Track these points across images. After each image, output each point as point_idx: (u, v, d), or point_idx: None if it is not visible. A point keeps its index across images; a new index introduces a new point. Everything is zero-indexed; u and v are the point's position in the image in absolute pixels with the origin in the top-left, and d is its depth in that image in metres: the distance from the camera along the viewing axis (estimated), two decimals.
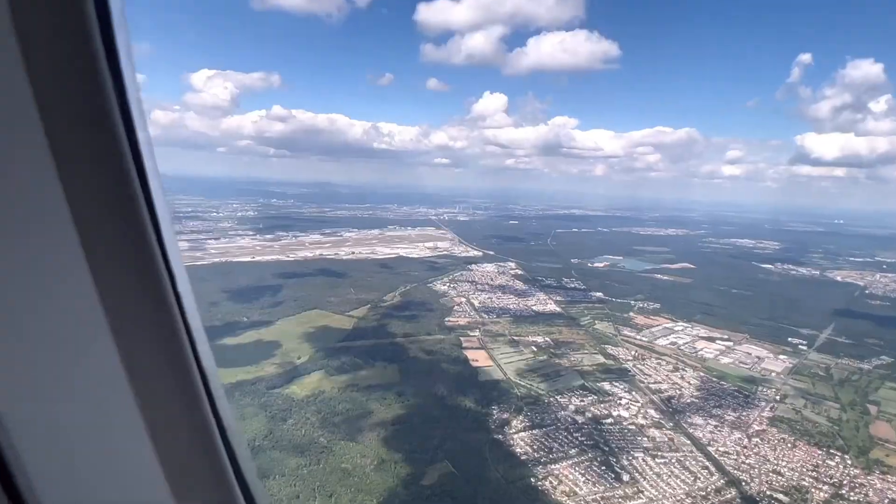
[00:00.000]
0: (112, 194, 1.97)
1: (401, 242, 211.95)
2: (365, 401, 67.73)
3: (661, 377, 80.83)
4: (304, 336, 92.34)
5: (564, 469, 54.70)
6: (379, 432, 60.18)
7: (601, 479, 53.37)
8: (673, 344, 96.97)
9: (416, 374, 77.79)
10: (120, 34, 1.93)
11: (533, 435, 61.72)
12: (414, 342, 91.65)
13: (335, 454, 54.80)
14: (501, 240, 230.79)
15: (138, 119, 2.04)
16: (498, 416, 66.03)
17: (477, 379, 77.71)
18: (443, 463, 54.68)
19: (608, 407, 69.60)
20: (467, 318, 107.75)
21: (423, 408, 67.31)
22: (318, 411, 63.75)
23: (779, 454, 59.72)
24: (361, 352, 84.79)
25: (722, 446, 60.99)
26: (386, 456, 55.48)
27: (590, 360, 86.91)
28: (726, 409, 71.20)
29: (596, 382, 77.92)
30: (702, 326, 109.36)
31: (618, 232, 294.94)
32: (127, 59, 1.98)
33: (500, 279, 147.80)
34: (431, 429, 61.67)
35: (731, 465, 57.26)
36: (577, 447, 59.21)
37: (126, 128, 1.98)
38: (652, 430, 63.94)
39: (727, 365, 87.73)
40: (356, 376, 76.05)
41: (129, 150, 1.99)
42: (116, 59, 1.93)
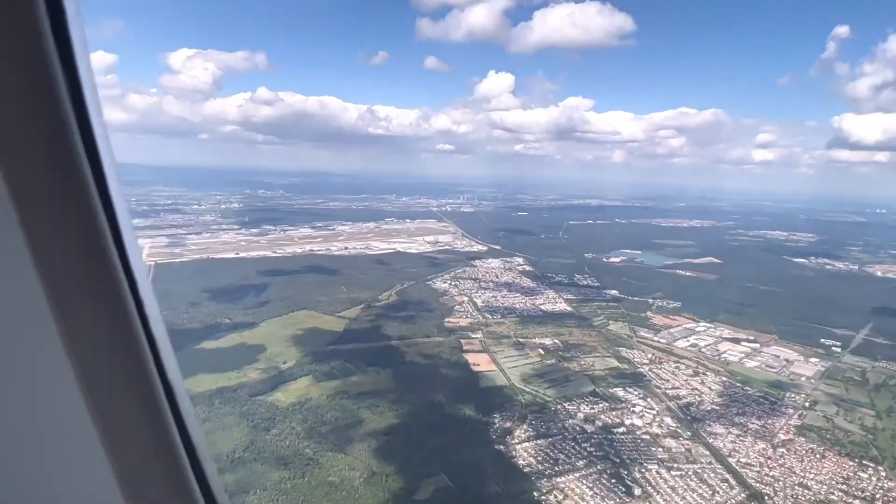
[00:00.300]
0: (61, 188, 1.98)
1: (398, 236, 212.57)
2: (356, 409, 68.22)
3: (680, 382, 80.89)
4: (291, 339, 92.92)
5: (571, 482, 54.98)
6: (370, 443, 60.66)
7: (610, 494, 53.64)
8: (694, 346, 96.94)
9: (411, 379, 78.21)
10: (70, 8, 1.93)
11: (538, 445, 62.02)
12: (410, 345, 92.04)
13: (322, 466, 55.30)
14: (509, 233, 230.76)
15: (93, 110, 2.07)
16: (500, 426, 66.38)
17: (478, 385, 78.10)
18: (439, 476, 55.09)
19: (620, 415, 69.79)
20: (469, 318, 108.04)
21: (419, 416, 67.72)
22: (304, 420, 64.30)
23: (806, 466, 59.77)
24: (353, 356, 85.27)
25: (744, 457, 61.10)
26: (377, 468, 55.95)
27: (602, 364, 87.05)
28: (750, 416, 71.23)
29: (608, 388, 78.09)
30: (726, 327, 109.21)
31: (637, 224, 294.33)
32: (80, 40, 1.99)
33: (506, 276, 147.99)
34: (427, 439, 62.10)
35: (754, 477, 57.37)
36: (585, 459, 59.48)
37: (78, 117, 1.98)
38: (668, 440, 64.10)
39: (752, 369, 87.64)
40: (347, 382, 76.55)
41: (80, 140, 2.00)
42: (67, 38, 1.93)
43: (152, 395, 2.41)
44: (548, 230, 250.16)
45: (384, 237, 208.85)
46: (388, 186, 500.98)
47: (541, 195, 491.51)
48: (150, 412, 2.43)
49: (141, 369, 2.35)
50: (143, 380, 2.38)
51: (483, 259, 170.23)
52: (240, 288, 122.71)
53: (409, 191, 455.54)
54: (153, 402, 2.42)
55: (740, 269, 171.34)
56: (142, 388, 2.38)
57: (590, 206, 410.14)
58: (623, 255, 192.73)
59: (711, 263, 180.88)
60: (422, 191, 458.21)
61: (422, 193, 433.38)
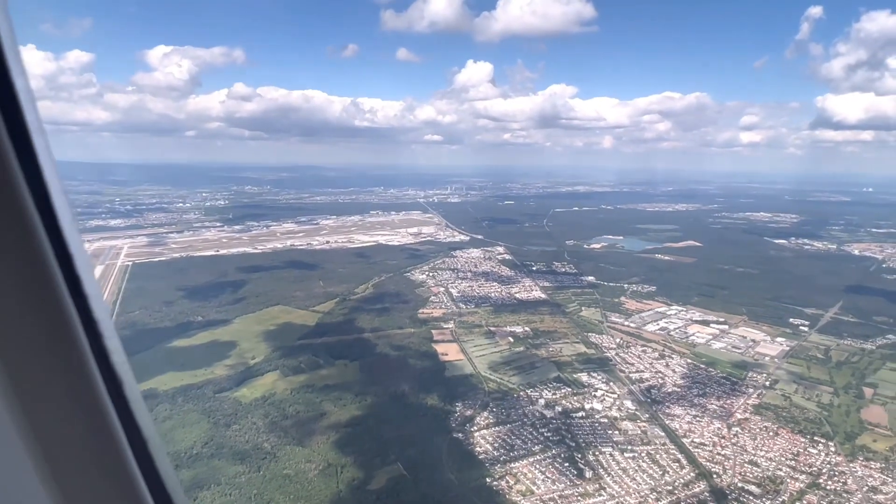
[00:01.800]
0: None
1: (382, 229, 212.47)
2: (319, 402, 68.81)
3: (645, 366, 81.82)
4: (263, 335, 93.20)
5: (524, 467, 55.82)
6: (330, 435, 61.27)
7: (562, 477, 54.51)
8: (663, 329, 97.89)
9: (378, 371, 78.76)
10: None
11: (496, 432, 62.83)
12: (382, 337, 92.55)
13: (279, 460, 55.90)
14: (493, 222, 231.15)
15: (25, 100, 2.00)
16: (461, 414, 67.12)
17: (444, 374, 78.73)
18: (394, 465, 55.80)
19: (581, 399, 70.66)
20: (443, 308, 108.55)
21: (382, 407, 68.35)
22: (265, 415, 64.80)
23: (758, 444, 60.85)
24: (322, 350, 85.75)
25: (698, 437, 62.10)
26: (334, 460, 56.59)
27: (570, 350, 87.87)
28: (710, 397, 72.26)
29: (573, 374, 78.95)
30: (697, 309, 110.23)
31: (622, 209, 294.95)
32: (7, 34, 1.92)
33: (484, 265, 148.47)
34: (387, 430, 62.73)
35: (705, 457, 58.37)
36: (541, 444, 60.33)
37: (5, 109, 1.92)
38: (625, 423, 65.01)
39: (718, 350, 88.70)
40: (314, 376, 77.06)
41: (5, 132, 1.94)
42: None
43: (91, 391, 2.30)
44: (532, 218, 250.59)
45: (367, 230, 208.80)
46: (377, 179, 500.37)
47: (530, 183, 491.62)
48: (89, 409, 2.33)
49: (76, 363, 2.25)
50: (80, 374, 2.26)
51: (464, 249, 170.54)
52: (216, 285, 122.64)
53: (398, 182, 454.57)
54: (92, 400, 2.32)
55: (719, 251, 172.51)
56: (77, 385, 2.27)
57: (578, 192, 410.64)
58: (604, 241, 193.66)
59: (691, 247, 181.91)
60: (411, 182, 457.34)
61: (410, 185, 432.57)
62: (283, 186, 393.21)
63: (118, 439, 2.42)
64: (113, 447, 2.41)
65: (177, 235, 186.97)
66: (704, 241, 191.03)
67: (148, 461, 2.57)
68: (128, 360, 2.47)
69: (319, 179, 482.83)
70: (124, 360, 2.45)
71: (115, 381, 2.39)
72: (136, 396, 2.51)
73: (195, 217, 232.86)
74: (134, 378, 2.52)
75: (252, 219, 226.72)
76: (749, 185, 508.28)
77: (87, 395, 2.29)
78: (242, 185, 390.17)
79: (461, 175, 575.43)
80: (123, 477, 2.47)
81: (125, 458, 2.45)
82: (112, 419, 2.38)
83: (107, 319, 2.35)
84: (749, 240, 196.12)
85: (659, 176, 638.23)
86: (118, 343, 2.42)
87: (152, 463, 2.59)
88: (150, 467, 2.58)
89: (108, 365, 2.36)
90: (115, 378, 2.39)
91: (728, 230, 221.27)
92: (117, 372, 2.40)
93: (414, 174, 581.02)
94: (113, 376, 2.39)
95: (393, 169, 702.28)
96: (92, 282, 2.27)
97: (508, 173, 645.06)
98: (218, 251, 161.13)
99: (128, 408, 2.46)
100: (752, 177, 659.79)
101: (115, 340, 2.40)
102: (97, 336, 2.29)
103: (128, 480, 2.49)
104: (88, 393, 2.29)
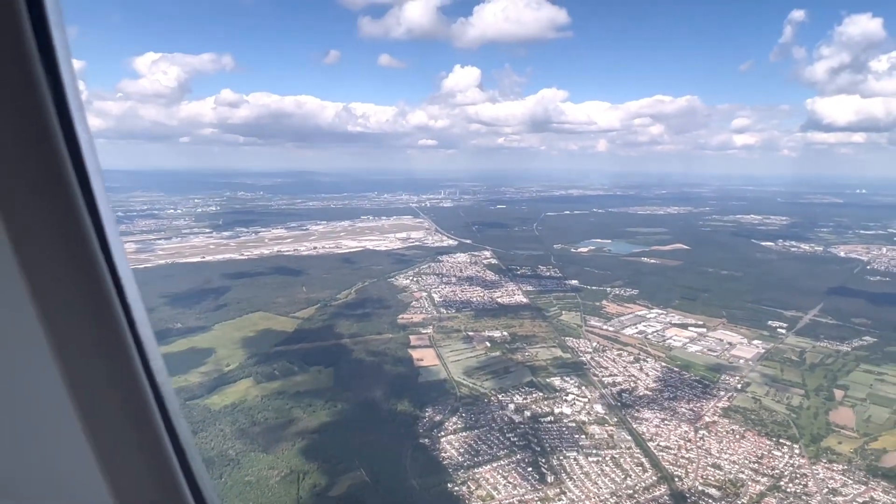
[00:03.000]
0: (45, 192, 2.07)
1: (371, 234, 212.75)
2: (289, 409, 68.95)
3: (618, 370, 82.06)
4: (242, 341, 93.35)
5: (487, 472, 55.99)
6: (296, 442, 61.41)
7: (523, 482, 54.68)
8: (641, 333, 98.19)
9: (352, 377, 78.91)
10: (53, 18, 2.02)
11: (463, 437, 63.02)
12: (359, 343, 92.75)
13: (242, 467, 56.04)
14: (483, 226, 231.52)
15: (77, 114, 2.15)
16: (430, 419, 67.29)
17: (417, 380, 78.93)
18: (357, 472, 55.95)
19: (551, 404, 70.88)
20: (423, 314, 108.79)
21: (352, 414, 68.55)
22: (233, 422, 64.96)
23: (723, 447, 61.07)
24: (298, 356, 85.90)
25: (664, 441, 62.31)
26: (298, 466, 56.72)
27: (546, 355, 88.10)
28: (680, 401, 72.49)
29: (546, 378, 79.16)
30: (677, 313, 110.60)
31: (613, 213, 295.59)
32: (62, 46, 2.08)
33: (470, 270, 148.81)
34: (355, 436, 62.87)
35: (669, 460, 58.58)
36: (506, 448, 60.53)
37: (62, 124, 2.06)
38: (593, 427, 65.23)
39: (694, 353, 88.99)
40: (287, 383, 77.21)
41: (65, 147, 2.07)
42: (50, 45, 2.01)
43: (140, 395, 2.49)
44: (523, 222, 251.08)
45: (356, 235, 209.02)
46: (371, 184, 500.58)
47: (524, 187, 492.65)
48: (139, 413, 2.51)
49: (128, 370, 2.42)
50: (131, 381, 2.45)
51: (451, 254, 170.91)
52: (199, 292, 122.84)
53: (392, 187, 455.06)
54: (141, 403, 2.50)
55: (706, 254, 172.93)
56: (129, 389, 2.46)
57: (571, 196, 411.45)
58: (592, 244, 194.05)
59: (679, 250, 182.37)
60: (405, 187, 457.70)
61: (404, 190, 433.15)
62: (276, 192, 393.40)
63: (163, 442, 2.63)
64: (159, 449, 2.63)
65: (164, 242, 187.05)
66: (692, 243, 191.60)
67: (186, 463, 2.79)
68: None
69: (314, 185, 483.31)
70: (162, 364, 2.69)
71: (156, 385, 2.60)
72: (174, 401, 2.74)
73: (185, 223, 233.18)
74: (171, 382, 2.78)
75: (242, 225, 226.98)
76: (743, 187, 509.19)
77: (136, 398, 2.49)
78: (235, 191, 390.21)
79: (456, 179, 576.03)
80: (168, 477, 2.69)
81: (169, 460, 2.67)
82: (157, 422, 2.59)
83: (147, 325, 2.56)
84: (737, 242, 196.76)
85: (653, 179, 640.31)
86: (157, 348, 2.65)
87: (189, 465, 2.81)
88: (188, 469, 2.80)
89: (150, 370, 2.56)
90: (156, 382, 2.60)
91: (717, 233, 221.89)
92: (157, 376, 2.61)
93: (409, 179, 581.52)
94: (154, 381, 2.59)
95: (388, 173, 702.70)
96: (134, 290, 2.48)
97: (503, 177, 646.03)
98: (204, 258, 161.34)
99: (167, 412, 2.67)
100: (746, 179, 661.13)
101: (154, 345, 2.62)
102: (139, 337, 2.48)
103: (171, 480, 2.70)
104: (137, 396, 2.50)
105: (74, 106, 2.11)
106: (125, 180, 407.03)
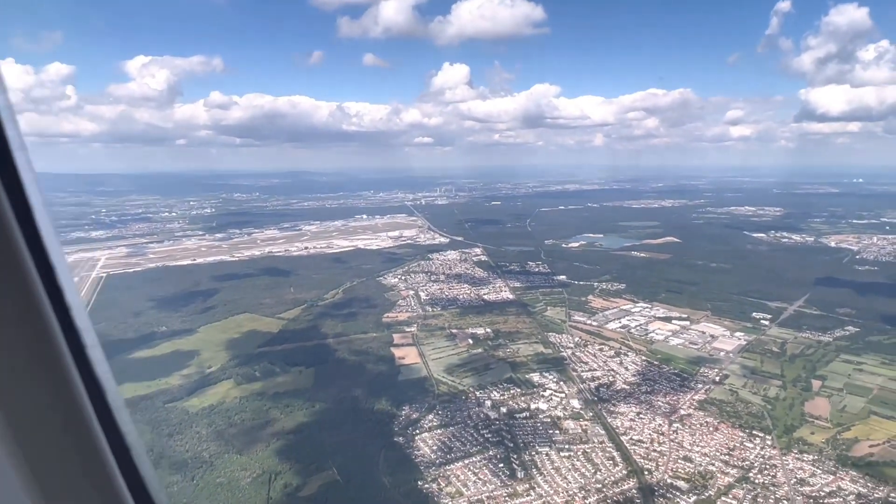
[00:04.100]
0: None
1: (363, 233, 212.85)
2: (267, 410, 69.33)
3: (598, 364, 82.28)
4: (226, 343, 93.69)
5: (458, 469, 56.29)
6: (272, 443, 61.80)
7: (493, 478, 54.97)
8: (624, 327, 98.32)
9: (333, 377, 79.24)
10: None
11: (438, 435, 63.33)
12: (343, 343, 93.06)
13: (215, 468, 56.41)
14: (476, 223, 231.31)
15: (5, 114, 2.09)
16: (406, 417, 67.60)
17: (397, 379, 79.24)
18: (330, 471, 56.31)
19: (528, 400, 71.14)
20: (409, 312, 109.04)
21: (329, 414, 68.89)
22: (210, 424, 65.34)
23: (696, 439, 61.31)
24: (280, 357, 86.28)
25: (637, 435, 62.55)
26: (271, 467, 57.09)
27: (528, 350, 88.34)
28: (657, 394, 72.70)
29: (525, 374, 79.42)
30: (662, 306, 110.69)
31: (608, 207, 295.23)
32: None
33: (459, 267, 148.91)
34: (330, 436, 63.29)
35: (641, 454, 58.82)
36: (480, 445, 60.83)
37: None
38: (567, 422, 65.50)
39: (675, 346, 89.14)
40: (268, 384, 77.59)
41: None
42: None
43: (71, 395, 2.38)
44: (516, 218, 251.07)
45: (348, 235, 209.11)
46: (368, 182, 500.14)
47: (521, 183, 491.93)
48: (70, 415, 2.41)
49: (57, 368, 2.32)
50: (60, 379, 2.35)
51: (441, 252, 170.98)
52: (187, 294, 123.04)
53: (389, 186, 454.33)
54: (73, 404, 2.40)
55: (697, 247, 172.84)
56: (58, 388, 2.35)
57: (567, 191, 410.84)
58: (584, 239, 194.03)
59: (669, 243, 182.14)
60: (402, 185, 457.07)
61: (401, 188, 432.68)
62: (272, 193, 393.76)
63: (99, 443, 2.53)
64: (94, 451, 2.53)
65: (156, 245, 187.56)
66: (683, 236, 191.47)
67: (130, 465, 2.70)
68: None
69: (310, 184, 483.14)
70: (107, 368, 2.57)
71: (97, 388, 2.50)
72: (119, 403, 2.64)
73: (178, 226, 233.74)
74: (116, 386, 2.65)
75: (235, 226, 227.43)
76: (740, 179, 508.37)
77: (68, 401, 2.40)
78: (232, 193, 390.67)
79: (453, 176, 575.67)
80: (104, 479, 2.59)
81: (106, 462, 2.57)
82: (93, 424, 2.49)
83: (88, 329, 2.46)
84: (728, 234, 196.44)
85: (650, 172, 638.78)
86: (100, 352, 2.54)
87: (134, 467, 2.72)
88: (133, 471, 2.71)
89: (91, 373, 2.47)
90: (97, 385, 2.50)
91: (709, 225, 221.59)
92: (100, 379, 2.51)
93: (406, 177, 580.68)
94: (95, 383, 2.49)
95: (385, 172, 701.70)
96: (73, 293, 2.38)
97: (501, 173, 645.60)
98: (195, 260, 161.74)
99: (110, 414, 2.58)
100: (743, 171, 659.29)
101: (98, 349, 2.53)
102: (79, 345, 2.41)
103: (108, 482, 2.60)
104: (70, 399, 2.40)
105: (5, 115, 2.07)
106: (122, 184, 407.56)
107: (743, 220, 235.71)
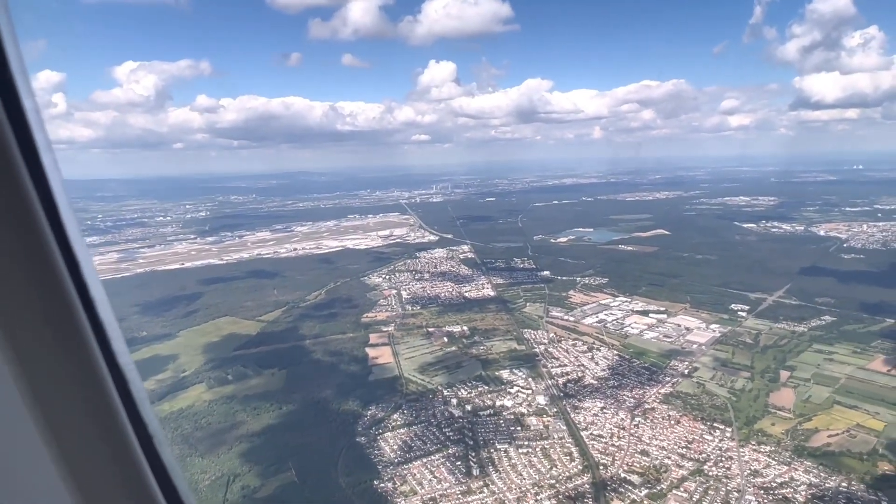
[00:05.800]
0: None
1: (354, 233, 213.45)
2: (234, 413, 70.04)
3: (569, 360, 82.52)
4: (205, 347, 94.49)
5: (416, 468, 56.80)
6: (235, 445, 62.48)
7: (449, 476, 55.43)
8: (600, 322, 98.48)
9: (305, 379, 79.93)
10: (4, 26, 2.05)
11: (400, 434, 63.85)
12: (319, 344, 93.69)
13: None
14: (467, 220, 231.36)
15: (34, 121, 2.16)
16: (372, 417, 68.15)
17: (368, 379, 79.77)
18: (288, 473, 56.95)
19: (495, 397, 71.52)
20: (388, 312, 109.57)
21: (297, 415, 69.54)
22: (177, 427, 66.12)
23: (656, 433, 61.52)
24: (254, 359, 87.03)
25: (598, 430, 62.83)
26: (233, 469, 57.77)
27: (501, 348, 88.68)
28: (624, 389, 72.92)
29: (496, 371, 79.78)
30: (642, 300, 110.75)
31: (602, 200, 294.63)
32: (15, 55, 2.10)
33: (445, 265, 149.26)
34: (294, 437, 63.96)
35: (599, 449, 59.12)
36: (440, 444, 61.28)
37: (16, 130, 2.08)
38: (530, 419, 65.83)
39: (648, 340, 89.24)
40: (240, 386, 78.35)
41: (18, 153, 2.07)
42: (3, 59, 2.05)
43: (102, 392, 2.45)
44: (509, 214, 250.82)
45: (339, 235, 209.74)
46: (365, 182, 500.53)
47: (518, 178, 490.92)
48: (105, 417, 2.48)
49: (91, 374, 2.39)
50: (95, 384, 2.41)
51: (429, 250, 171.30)
52: (172, 299, 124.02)
53: (386, 184, 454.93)
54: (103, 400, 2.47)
55: (686, 239, 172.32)
56: (93, 394, 2.42)
57: (564, 185, 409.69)
58: (573, 234, 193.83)
59: (658, 236, 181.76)
60: (399, 183, 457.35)
61: (398, 186, 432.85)
62: (269, 194, 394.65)
63: (128, 436, 2.60)
64: (124, 444, 2.60)
65: (148, 250, 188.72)
66: (673, 228, 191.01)
67: (155, 457, 2.76)
68: None
69: (307, 185, 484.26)
70: (130, 361, 2.65)
71: (122, 381, 2.57)
72: (143, 396, 2.71)
73: (172, 230, 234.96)
74: (140, 378, 2.73)
75: (228, 229, 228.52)
76: (738, 168, 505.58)
77: (98, 395, 2.47)
78: (228, 195, 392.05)
79: (451, 174, 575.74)
80: (134, 472, 2.67)
81: (135, 455, 2.64)
82: (122, 418, 2.56)
83: (113, 322, 2.52)
84: (719, 225, 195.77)
85: (649, 164, 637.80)
86: (124, 345, 2.61)
87: (159, 459, 2.78)
88: (158, 463, 2.78)
89: (116, 366, 2.54)
90: (122, 378, 2.57)
91: (701, 216, 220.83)
92: (124, 372, 2.59)
93: (404, 175, 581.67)
94: (121, 377, 2.56)
95: (383, 171, 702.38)
96: (98, 287, 2.46)
97: (498, 169, 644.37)
98: (183, 264, 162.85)
99: (135, 406, 2.65)
100: (743, 160, 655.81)
101: (122, 342, 2.59)
102: (105, 339, 2.49)
103: (138, 475, 2.68)
104: (100, 394, 2.47)
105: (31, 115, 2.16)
106: (119, 189, 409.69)
107: (735, 210, 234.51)
